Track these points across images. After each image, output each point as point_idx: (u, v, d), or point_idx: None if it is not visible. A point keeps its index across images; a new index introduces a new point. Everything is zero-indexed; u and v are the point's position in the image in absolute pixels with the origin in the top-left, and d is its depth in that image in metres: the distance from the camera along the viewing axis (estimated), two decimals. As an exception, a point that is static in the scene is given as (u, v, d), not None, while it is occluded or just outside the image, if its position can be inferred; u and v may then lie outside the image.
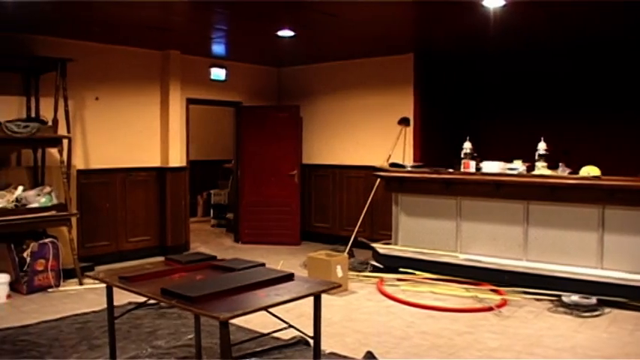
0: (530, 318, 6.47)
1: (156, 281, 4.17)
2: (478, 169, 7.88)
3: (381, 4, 6.58)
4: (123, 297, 4.92)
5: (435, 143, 9.98)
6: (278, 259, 9.23)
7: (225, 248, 10.42)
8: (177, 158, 9.95)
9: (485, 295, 7.20)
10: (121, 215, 9.51)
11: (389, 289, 7.57)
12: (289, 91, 11.66)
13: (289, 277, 4.20)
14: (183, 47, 9.66)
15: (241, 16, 7.42)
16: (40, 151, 8.34)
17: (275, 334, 5.10)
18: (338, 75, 10.84)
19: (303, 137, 11.27)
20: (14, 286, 7.51)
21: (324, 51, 9.93)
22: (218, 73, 10.64)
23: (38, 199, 7.72)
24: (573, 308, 6.61)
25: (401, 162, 9.19)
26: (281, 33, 8.21)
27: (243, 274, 4.28)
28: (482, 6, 6.58)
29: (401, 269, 8.17)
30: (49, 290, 7.66)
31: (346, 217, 10.68)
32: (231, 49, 9.93)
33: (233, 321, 3.39)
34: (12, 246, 7.56)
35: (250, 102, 11.18)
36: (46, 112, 8.08)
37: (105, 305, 5.70)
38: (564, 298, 6.77)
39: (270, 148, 10.92)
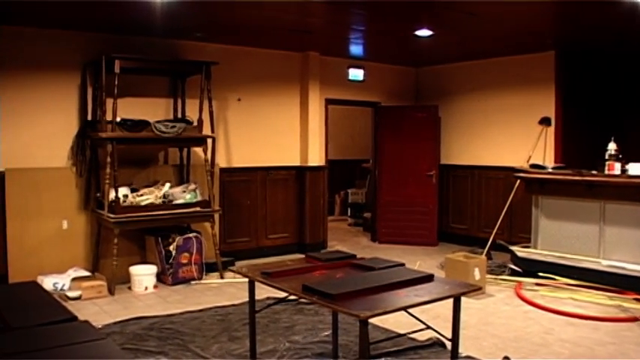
0: (680, 329, 6.11)
1: (296, 278, 4.24)
2: (624, 171, 7.51)
3: (522, 2, 6.43)
4: (262, 292, 5.06)
5: (577, 144, 9.60)
6: (415, 259, 9.21)
7: (361, 247, 10.50)
8: (316, 157, 10.13)
9: (630, 304, 6.83)
10: (261, 212, 9.79)
11: (527, 294, 7.36)
12: (427, 91, 11.59)
13: (429, 278, 4.15)
14: (322, 48, 9.82)
15: (379, 17, 7.47)
16: (185, 150, 8.72)
17: (411, 335, 5.09)
18: (476, 74, 10.66)
19: (441, 137, 11.18)
20: (160, 277, 7.92)
21: (462, 50, 9.80)
22: (356, 74, 10.73)
23: (184, 195, 8.06)
24: None
25: (541, 163, 8.93)
26: (419, 33, 8.17)
27: (383, 273, 4.27)
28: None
29: (540, 274, 7.91)
30: (192, 282, 8.01)
31: (484, 218, 10.48)
32: (369, 49, 9.99)
33: (370, 320, 3.42)
34: (159, 239, 7.95)
35: (388, 102, 11.20)
36: (192, 113, 8.44)
37: (244, 299, 5.92)
38: None
39: (408, 148, 10.90)
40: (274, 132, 9.85)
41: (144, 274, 7.67)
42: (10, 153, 7.70)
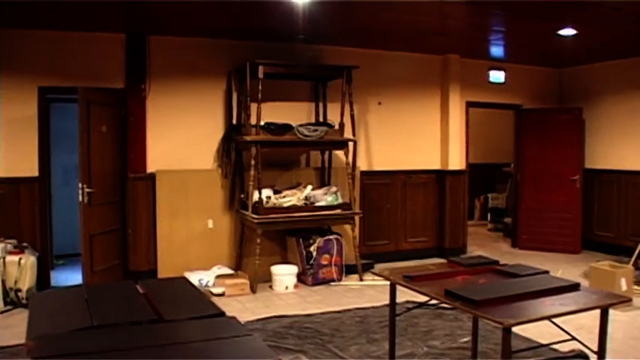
0: None
1: (438, 282, 4.18)
2: None
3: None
4: (401, 295, 5.05)
5: None
6: (557, 267, 8.90)
7: (502, 253, 10.26)
8: (456, 161, 10.01)
9: None
10: (401, 216, 9.78)
11: (682, 307, 6.97)
12: (571, 92, 11.15)
13: (575, 287, 3.98)
14: (462, 51, 9.69)
15: (520, 17, 7.27)
16: (327, 153, 8.85)
17: (553, 346, 4.94)
18: (623, 74, 10.10)
19: (585, 140, 10.74)
20: (301, 278, 8.07)
21: (607, 49, 9.33)
22: (497, 76, 10.51)
23: (325, 197, 8.18)
24: None
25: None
26: (562, 32, 7.89)
27: (527, 280, 4.15)
28: None
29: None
30: (332, 283, 8.12)
31: (631, 226, 9.93)
32: (510, 50, 9.75)
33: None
34: (300, 240, 8.10)
35: (530, 104, 10.90)
36: (333, 117, 8.55)
37: (384, 301, 5.94)
38: None
39: (551, 151, 10.54)
40: (414, 135, 9.82)
41: (285, 274, 7.86)
42: (160, 155, 8.13)
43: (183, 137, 8.28)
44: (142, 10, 7.07)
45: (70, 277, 8.36)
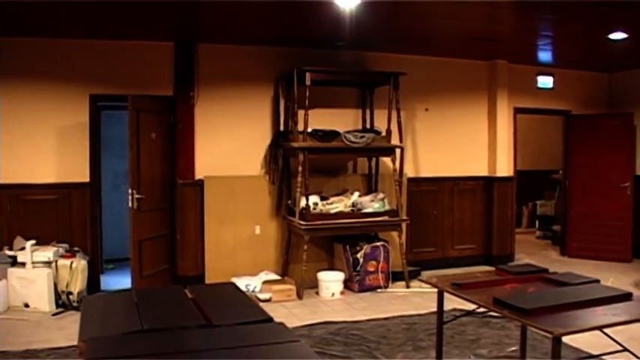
0: None
1: (487, 290, 4.15)
2: None
3: None
4: (448, 303, 5.02)
5: None
6: (607, 275, 8.71)
7: (550, 261, 10.10)
8: (504, 168, 9.89)
9: None
10: (448, 223, 9.72)
11: None
12: (621, 97, 10.90)
13: (627, 297, 3.91)
14: (510, 56, 9.57)
15: (569, 21, 7.17)
16: (374, 160, 8.83)
17: (604, 357, 4.84)
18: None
19: (636, 147, 10.53)
20: (347, 284, 8.06)
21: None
22: (545, 81, 10.35)
23: (372, 204, 8.16)
24: None
25: None
26: (612, 36, 7.75)
27: (578, 289, 4.10)
28: None
29: None
30: (378, 290, 8.09)
31: (687, 234, 9.75)
32: (558, 55, 9.59)
33: (560, 337, 3.30)
34: (347, 247, 8.10)
35: (579, 110, 10.71)
36: (379, 123, 8.56)
37: (430, 309, 5.91)
38: None
39: (601, 158, 10.34)
40: (461, 142, 9.75)
41: (331, 280, 7.87)
42: (208, 162, 8.23)
43: (230, 144, 8.36)
44: (191, 19, 7.18)
45: (119, 281, 8.49)
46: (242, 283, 7.66)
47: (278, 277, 8.12)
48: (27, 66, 7.71)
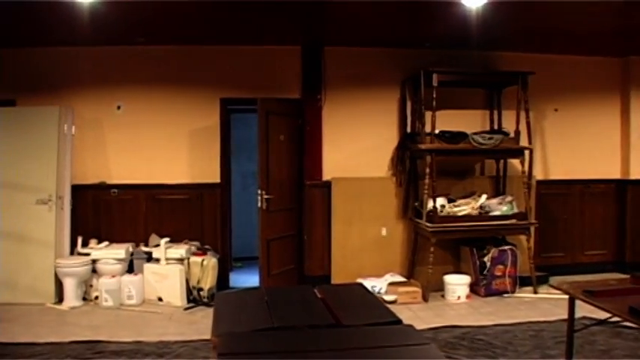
0: None
1: (622, 299, 3.99)
2: None
3: None
4: (577, 311, 4.89)
5: None
6: None
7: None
8: (638, 170, 9.44)
9: None
10: (578, 227, 9.40)
11: None
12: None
13: None
14: (645, 52, 9.18)
15: None
16: (502, 162, 8.69)
17: None
18: None
19: None
20: (473, 288, 7.97)
21: None
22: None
23: (500, 207, 8.03)
24: None
25: None
26: None
27: None
28: None
29: None
30: (505, 295, 7.94)
31: None
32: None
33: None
34: (474, 250, 8.01)
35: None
36: (507, 124, 8.39)
37: (559, 316, 5.77)
38: None
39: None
40: (592, 143, 9.39)
41: (458, 284, 7.80)
42: (336, 163, 8.37)
43: (357, 145, 8.46)
44: (318, 22, 7.32)
45: (247, 279, 8.77)
46: (368, 284, 7.64)
47: (403, 279, 8.12)
48: (159, 73, 8.20)
